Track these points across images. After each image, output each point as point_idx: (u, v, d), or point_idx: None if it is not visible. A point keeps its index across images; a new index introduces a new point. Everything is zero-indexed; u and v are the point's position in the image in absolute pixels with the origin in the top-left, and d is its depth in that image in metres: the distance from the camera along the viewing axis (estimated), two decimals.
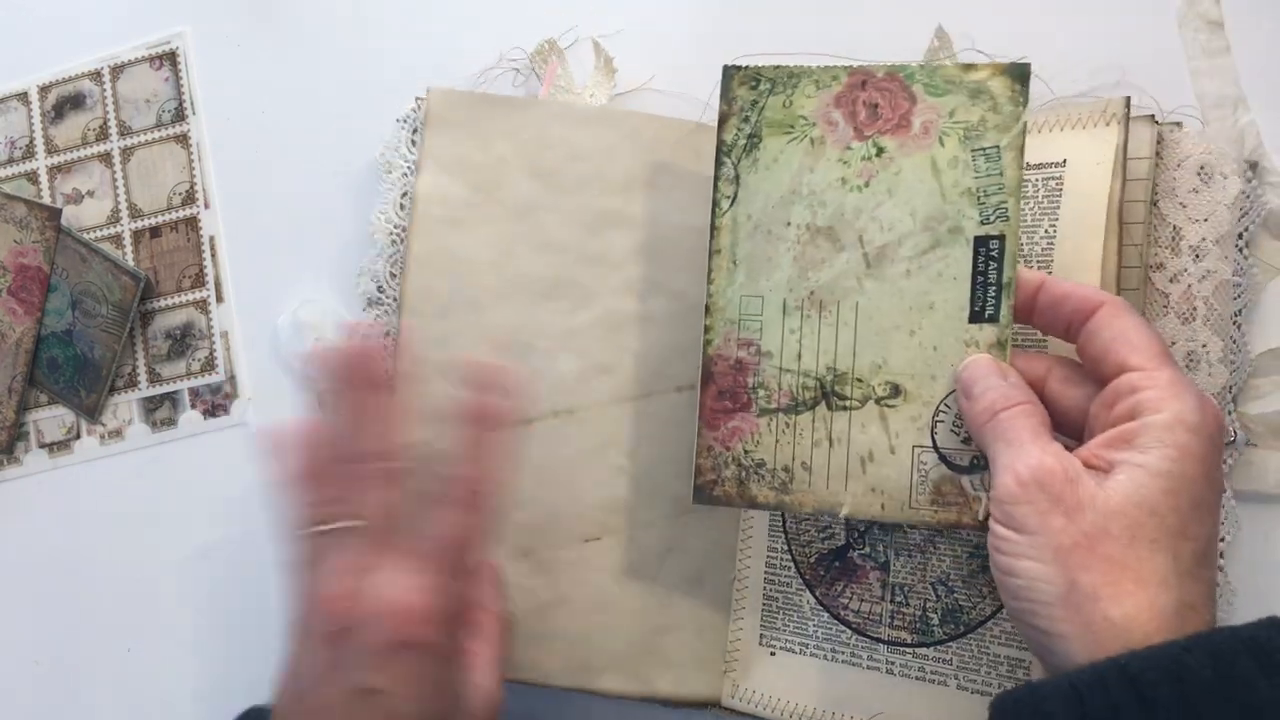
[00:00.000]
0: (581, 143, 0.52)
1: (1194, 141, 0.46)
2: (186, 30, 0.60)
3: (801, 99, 0.44)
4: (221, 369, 0.58)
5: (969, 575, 0.46)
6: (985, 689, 0.45)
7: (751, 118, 0.45)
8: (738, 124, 0.45)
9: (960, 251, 0.42)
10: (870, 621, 0.48)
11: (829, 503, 0.43)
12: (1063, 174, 0.45)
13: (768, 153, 0.44)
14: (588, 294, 0.51)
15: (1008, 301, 0.41)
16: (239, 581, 0.56)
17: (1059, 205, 0.45)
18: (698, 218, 0.51)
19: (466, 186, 0.52)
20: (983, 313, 0.42)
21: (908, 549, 0.47)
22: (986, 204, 0.42)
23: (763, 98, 0.44)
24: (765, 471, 0.44)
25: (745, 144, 0.45)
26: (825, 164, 0.44)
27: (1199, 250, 0.46)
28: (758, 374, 0.44)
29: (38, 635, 0.58)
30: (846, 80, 0.44)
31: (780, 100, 0.44)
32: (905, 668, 0.47)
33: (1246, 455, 0.47)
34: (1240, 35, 0.49)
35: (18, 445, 0.59)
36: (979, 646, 0.45)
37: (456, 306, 0.51)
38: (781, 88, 0.44)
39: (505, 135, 0.52)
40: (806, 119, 0.44)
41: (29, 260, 0.59)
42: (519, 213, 0.51)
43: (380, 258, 0.54)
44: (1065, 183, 0.45)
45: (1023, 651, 0.44)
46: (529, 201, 0.52)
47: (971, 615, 0.46)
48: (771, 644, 0.50)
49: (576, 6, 0.56)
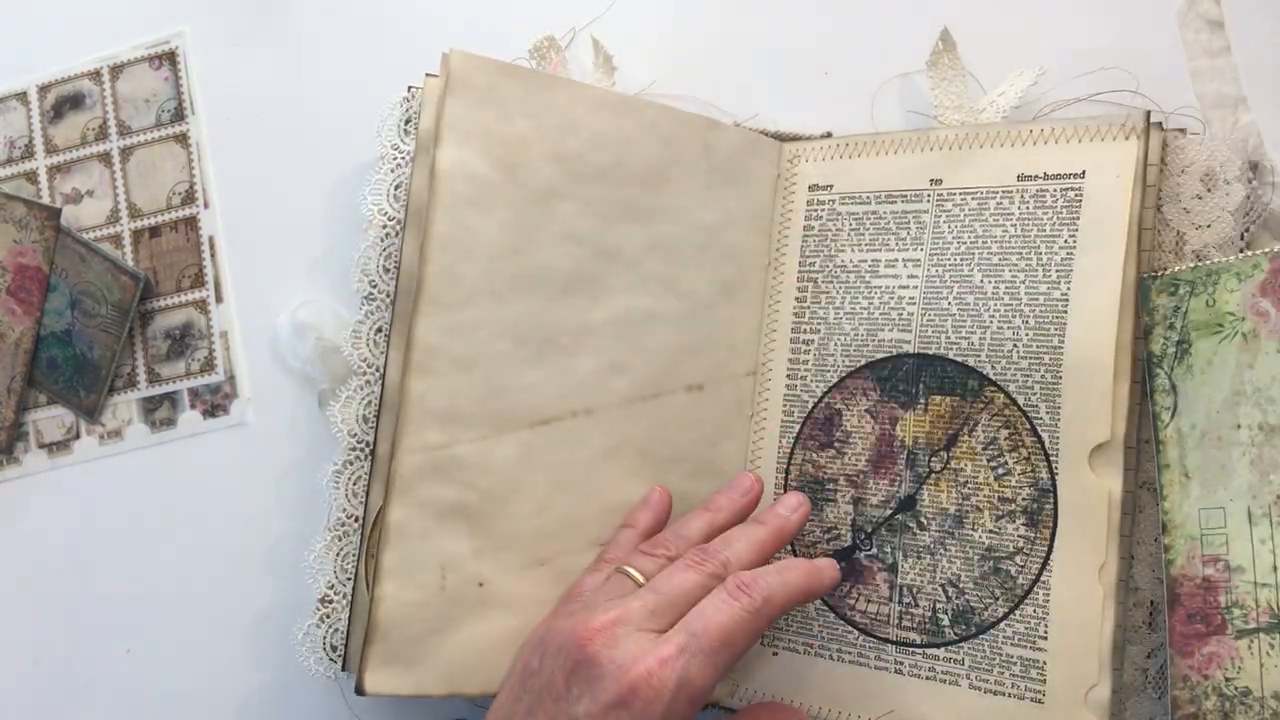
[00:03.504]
0: (603, 130, 0.49)
1: (1198, 148, 0.46)
2: (186, 30, 0.60)
3: (1224, 294, 0.43)
4: (221, 369, 0.58)
5: (980, 577, 0.46)
6: (999, 689, 0.45)
7: (1176, 324, 0.43)
8: (1163, 333, 0.44)
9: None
10: (878, 622, 0.48)
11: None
12: (1082, 185, 0.46)
13: (1200, 357, 0.43)
14: (603, 289, 0.50)
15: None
16: (239, 581, 0.56)
17: (1078, 216, 0.45)
18: (707, 215, 0.51)
19: (488, 162, 0.48)
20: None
21: (916, 551, 0.47)
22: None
23: (1184, 302, 0.43)
24: (1252, 701, 0.40)
25: (1175, 352, 0.43)
26: (1264, 358, 0.42)
27: (1202, 255, 0.46)
28: (1229, 592, 0.41)
29: (38, 635, 0.58)
30: (1269, 266, 0.42)
31: (1202, 300, 0.43)
32: (915, 668, 0.47)
33: None
34: (1240, 35, 0.49)
35: (17, 445, 0.59)
36: (991, 647, 0.45)
37: (478, 295, 0.48)
38: (1201, 288, 0.43)
39: (528, 115, 0.48)
40: (1234, 314, 0.42)
41: (28, 260, 0.58)
42: (539, 197, 0.49)
43: (373, 250, 0.52)
44: (1085, 193, 0.45)
45: (1037, 652, 0.44)
46: (549, 186, 0.49)
47: (984, 616, 0.46)
48: (774, 644, 0.50)
49: (576, 7, 0.56)
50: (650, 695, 0.38)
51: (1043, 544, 0.45)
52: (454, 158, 0.47)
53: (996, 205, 0.47)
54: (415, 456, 0.47)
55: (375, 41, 0.58)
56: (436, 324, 0.47)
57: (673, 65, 0.55)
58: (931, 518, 0.47)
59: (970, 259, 0.47)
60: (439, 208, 0.47)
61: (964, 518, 0.46)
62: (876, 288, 0.49)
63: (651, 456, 0.50)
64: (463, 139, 0.48)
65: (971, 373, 0.47)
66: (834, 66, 0.54)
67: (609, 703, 0.38)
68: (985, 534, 0.46)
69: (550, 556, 0.49)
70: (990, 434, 0.46)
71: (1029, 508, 0.45)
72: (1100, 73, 0.49)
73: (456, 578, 0.47)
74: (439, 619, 0.47)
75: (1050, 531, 0.45)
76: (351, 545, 0.51)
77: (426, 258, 0.47)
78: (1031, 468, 0.45)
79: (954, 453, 0.47)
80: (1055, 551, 0.44)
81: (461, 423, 0.48)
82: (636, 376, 0.50)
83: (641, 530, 0.48)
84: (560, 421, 0.49)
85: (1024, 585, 0.45)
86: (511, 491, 0.48)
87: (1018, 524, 0.45)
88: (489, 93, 0.48)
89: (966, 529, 0.46)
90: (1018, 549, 0.45)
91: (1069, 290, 0.45)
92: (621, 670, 0.39)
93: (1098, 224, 0.45)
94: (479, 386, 0.48)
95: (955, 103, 0.49)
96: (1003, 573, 0.45)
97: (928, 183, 0.49)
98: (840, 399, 0.50)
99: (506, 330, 0.48)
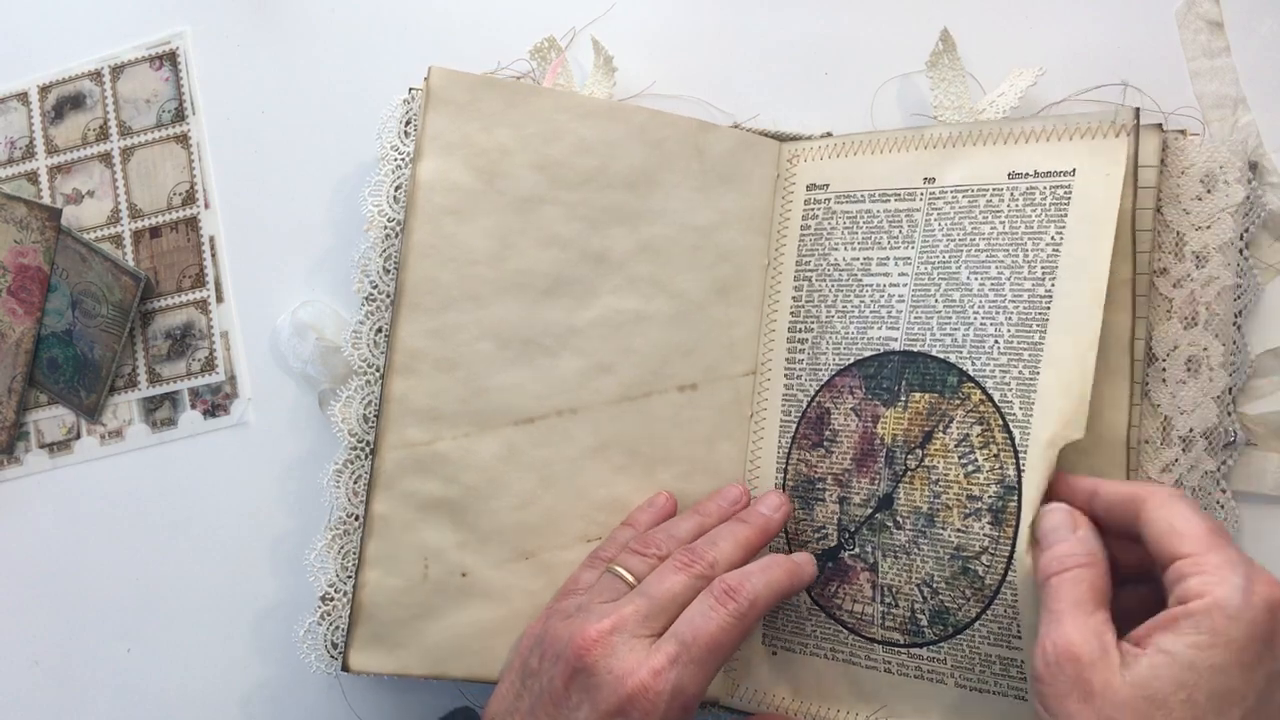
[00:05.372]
0: (588, 136, 0.51)
1: (1198, 149, 0.46)
2: (186, 30, 0.60)
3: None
4: (221, 369, 0.58)
5: (951, 577, 0.45)
6: (983, 687, 0.45)
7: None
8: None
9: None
10: (864, 622, 0.48)
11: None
12: (1071, 183, 0.45)
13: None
14: (590, 292, 0.51)
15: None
16: (239, 581, 0.56)
17: (1066, 214, 0.45)
18: (701, 216, 0.51)
19: (469, 172, 0.50)
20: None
21: (893, 550, 0.47)
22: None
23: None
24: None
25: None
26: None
27: (1202, 256, 0.46)
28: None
29: (38, 635, 0.58)
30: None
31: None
32: (903, 667, 0.47)
33: (1246, 456, 0.47)
34: (1240, 35, 0.49)
35: (18, 445, 0.59)
36: (970, 647, 0.45)
37: (458, 300, 0.50)
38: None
39: (510, 125, 0.50)
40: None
41: (29, 260, 0.58)
42: (521, 204, 0.50)
43: (373, 251, 0.53)
44: (1075, 191, 0.45)
45: (1014, 651, 0.44)
46: (532, 193, 0.50)
47: (958, 617, 0.45)
48: (773, 644, 0.50)
49: (576, 7, 0.56)
50: (647, 706, 0.40)
51: (1006, 543, 0.44)
52: (434, 169, 0.50)
53: (986, 203, 0.47)
54: (397, 452, 0.49)
55: (376, 42, 0.58)
56: (418, 328, 0.49)
57: (673, 65, 0.55)
58: (906, 516, 0.47)
59: (958, 256, 0.47)
60: (418, 216, 0.50)
61: (935, 516, 0.46)
62: (868, 286, 0.49)
63: (642, 455, 0.51)
64: (443, 151, 0.50)
65: (951, 369, 0.46)
66: (834, 66, 0.54)
67: (608, 711, 0.40)
68: (954, 533, 0.45)
69: (535, 550, 0.50)
70: (963, 430, 0.46)
71: (994, 505, 0.45)
72: (1100, 73, 0.49)
73: (440, 568, 0.49)
74: (422, 606, 0.49)
75: (1014, 530, 0.44)
76: (352, 544, 0.51)
77: (407, 264, 0.50)
78: (1000, 465, 0.45)
79: (928, 450, 0.47)
80: (1018, 551, 0.43)
81: (444, 421, 0.49)
82: (624, 376, 0.51)
83: (640, 531, 0.49)
84: (545, 420, 0.50)
85: (992, 585, 0.44)
86: (495, 487, 0.50)
87: (983, 522, 0.45)
88: (470, 106, 0.50)
89: (937, 528, 0.46)
90: (984, 548, 0.45)
91: (1053, 287, 0.45)
92: (619, 681, 0.41)
93: (1086, 221, 0.44)
94: (461, 387, 0.50)
95: (955, 103, 0.49)
96: (971, 573, 0.45)
97: (921, 180, 0.49)
98: (829, 398, 0.49)
99: (489, 332, 0.50)
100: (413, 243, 0.50)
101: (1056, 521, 0.41)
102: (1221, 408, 0.46)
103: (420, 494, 0.49)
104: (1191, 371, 0.46)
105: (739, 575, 0.44)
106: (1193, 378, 0.46)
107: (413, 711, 0.53)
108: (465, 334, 0.50)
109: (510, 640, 0.49)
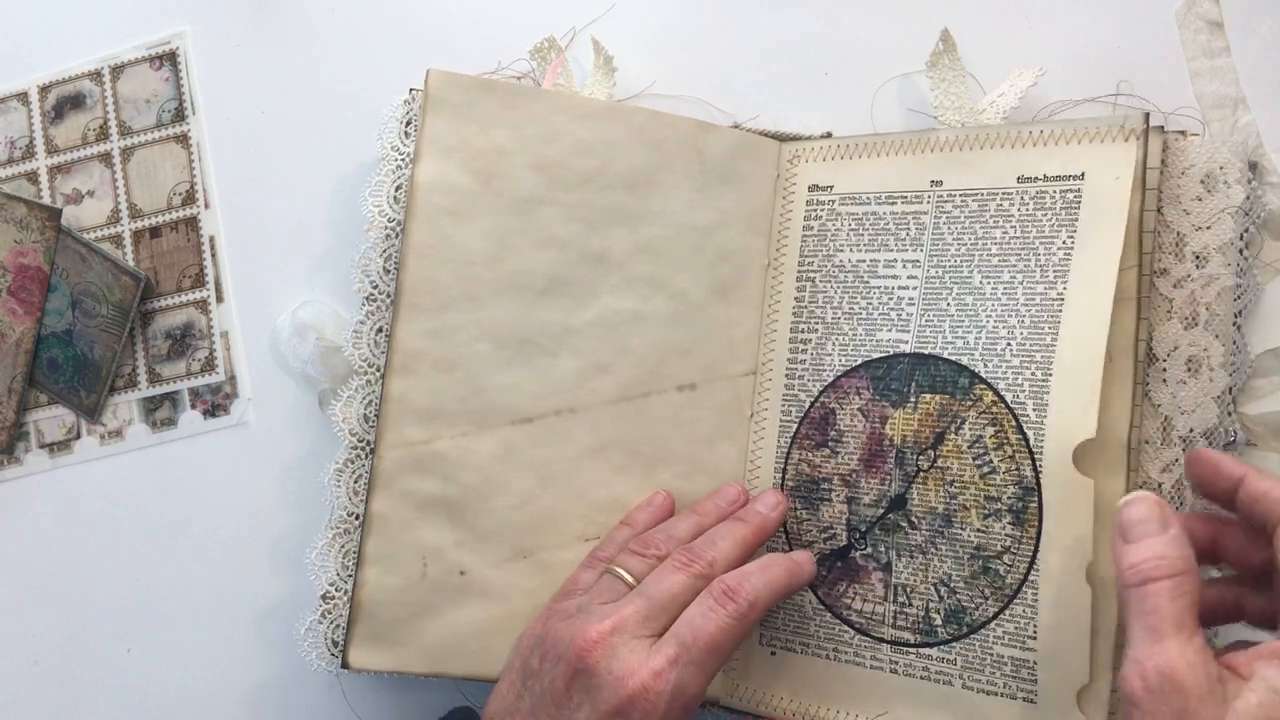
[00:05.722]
0: (586, 137, 0.51)
1: (1198, 149, 0.46)
2: (186, 30, 0.60)
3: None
4: (221, 369, 0.58)
5: (970, 577, 0.46)
6: (991, 689, 0.45)
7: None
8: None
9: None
10: (873, 621, 0.48)
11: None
12: (1081, 187, 0.46)
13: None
14: (588, 292, 0.51)
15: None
16: (240, 581, 0.56)
17: (1077, 218, 0.45)
18: (700, 216, 0.51)
19: (466, 174, 0.50)
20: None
21: (909, 550, 0.47)
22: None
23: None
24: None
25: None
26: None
27: (1202, 256, 0.46)
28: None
29: (38, 635, 0.58)
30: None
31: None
32: (909, 667, 0.47)
33: (1246, 456, 0.47)
34: (1240, 35, 0.49)
35: (18, 445, 0.59)
36: (982, 647, 0.45)
37: (457, 300, 0.50)
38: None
39: (508, 127, 0.51)
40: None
41: (29, 260, 0.58)
42: (519, 205, 0.50)
43: (374, 251, 0.53)
44: (1084, 195, 0.45)
45: (1027, 652, 0.44)
46: (531, 194, 0.51)
47: (975, 616, 0.46)
48: (772, 643, 0.50)
49: (576, 8, 0.56)
50: (647, 707, 0.40)
51: (1029, 543, 0.45)
52: (432, 171, 0.50)
53: (997, 207, 0.47)
54: (396, 451, 0.49)
55: (376, 42, 0.58)
56: (417, 328, 0.50)
57: (673, 66, 0.55)
58: (921, 517, 0.47)
59: (970, 261, 0.47)
60: (417, 218, 0.50)
61: (952, 517, 0.46)
62: (875, 288, 0.49)
63: (641, 455, 0.51)
64: (441, 153, 0.50)
65: (963, 371, 0.47)
66: (834, 66, 0.54)
67: (609, 711, 0.41)
68: (974, 533, 0.46)
69: (533, 550, 0.50)
70: (976, 432, 0.46)
71: (1014, 506, 0.45)
72: (1099, 73, 0.49)
73: (438, 567, 0.50)
74: (420, 604, 0.49)
75: (1036, 530, 0.44)
76: (354, 543, 0.51)
77: (405, 265, 0.50)
78: (1016, 465, 0.45)
79: (941, 451, 0.47)
80: (1041, 550, 0.44)
81: (443, 420, 0.50)
82: (622, 376, 0.51)
83: (639, 531, 0.49)
84: (543, 420, 0.50)
85: (1013, 585, 0.45)
86: (493, 486, 0.50)
87: (1004, 523, 0.45)
88: (467, 108, 0.50)
89: (955, 528, 0.46)
90: (1005, 548, 0.45)
91: (1065, 290, 0.45)
92: (619, 682, 0.41)
93: (1096, 225, 0.45)
94: (459, 386, 0.50)
95: (955, 103, 0.49)
96: (992, 572, 0.45)
97: (928, 184, 0.49)
98: (834, 398, 0.50)
99: (487, 333, 0.50)
100: (411, 243, 0.50)
101: (1144, 513, 0.37)
102: (1222, 408, 0.46)
103: (419, 493, 0.49)
104: (1192, 372, 0.46)
105: (738, 575, 0.44)
106: (1193, 378, 0.46)
107: (412, 711, 0.53)
108: (464, 334, 0.50)
109: (508, 639, 0.49)
